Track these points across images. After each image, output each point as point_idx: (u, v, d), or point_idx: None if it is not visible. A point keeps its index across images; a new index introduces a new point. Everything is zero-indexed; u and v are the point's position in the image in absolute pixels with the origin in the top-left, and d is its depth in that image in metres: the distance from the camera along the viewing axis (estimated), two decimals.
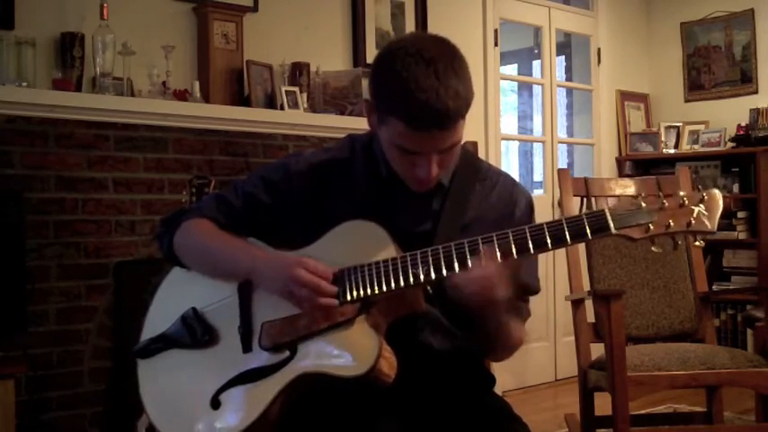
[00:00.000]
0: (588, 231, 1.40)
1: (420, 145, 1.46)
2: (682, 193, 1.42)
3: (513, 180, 1.69)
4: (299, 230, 1.59)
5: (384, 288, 1.45)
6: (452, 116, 1.43)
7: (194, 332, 1.58)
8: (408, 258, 1.45)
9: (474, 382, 1.66)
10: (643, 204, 1.42)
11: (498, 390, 1.73)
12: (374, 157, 1.60)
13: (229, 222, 1.64)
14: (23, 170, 2.93)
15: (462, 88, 1.43)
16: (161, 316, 1.65)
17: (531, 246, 1.42)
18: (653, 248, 1.45)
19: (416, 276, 1.44)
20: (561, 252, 3.41)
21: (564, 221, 1.42)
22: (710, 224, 1.42)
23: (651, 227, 1.41)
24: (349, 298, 1.47)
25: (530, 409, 3.96)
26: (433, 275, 1.44)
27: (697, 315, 3.14)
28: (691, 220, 1.41)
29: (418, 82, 1.40)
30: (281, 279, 1.47)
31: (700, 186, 1.48)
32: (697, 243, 1.44)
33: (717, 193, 1.44)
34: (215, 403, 1.52)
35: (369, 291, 1.46)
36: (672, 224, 1.41)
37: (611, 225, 1.39)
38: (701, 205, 1.42)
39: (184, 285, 1.65)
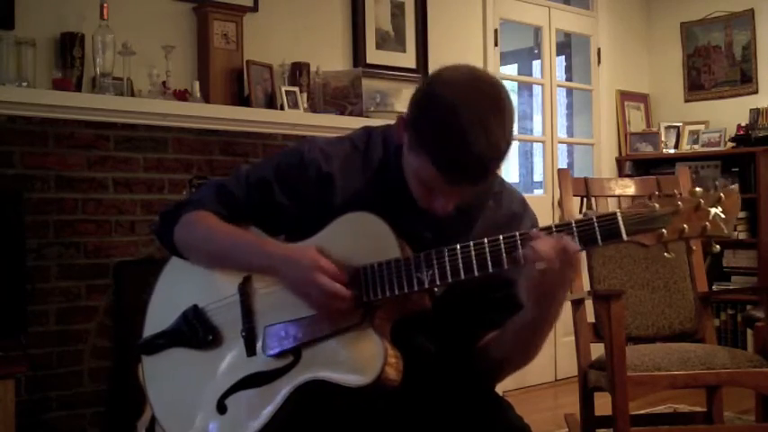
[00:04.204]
0: (599, 238, 1.31)
1: (445, 192, 1.41)
2: (698, 190, 1.31)
3: (522, 198, 1.64)
4: (304, 218, 1.55)
5: (387, 293, 1.42)
6: (489, 174, 1.40)
7: (197, 332, 1.57)
8: (413, 261, 1.41)
9: (471, 382, 1.64)
10: (657, 206, 1.31)
11: (498, 390, 1.73)
12: (389, 151, 1.56)
13: (231, 214, 1.60)
14: (23, 170, 2.92)
15: (505, 144, 1.37)
16: (164, 307, 1.63)
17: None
18: (666, 255, 1.33)
19: (420, 282, 1.40)
20: None
21: (574, 226, 1.34)
22: (727, 228, 1.31)
23: (665, 232, 1.30)
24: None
25: (530, 409, 3.95)
26: (438, 281, 1.39)
27: (697, 315, 3.14)
28: (706, 225, 1.30)
29: (465, 137, 1.32)
30: (299, 279, 1.45)
31: (717, 183, 1.34)
32: (717, 247, 1.33)
33: (735, 192, 1.32)
34: (221, 408, 1.51)
35: (372, 296, 1.43)
36: (686, 229, 1.30)
37: (623, 232, 1.30)
38: (717, 207, 1.31)
39: (186, 273, 1.63)
